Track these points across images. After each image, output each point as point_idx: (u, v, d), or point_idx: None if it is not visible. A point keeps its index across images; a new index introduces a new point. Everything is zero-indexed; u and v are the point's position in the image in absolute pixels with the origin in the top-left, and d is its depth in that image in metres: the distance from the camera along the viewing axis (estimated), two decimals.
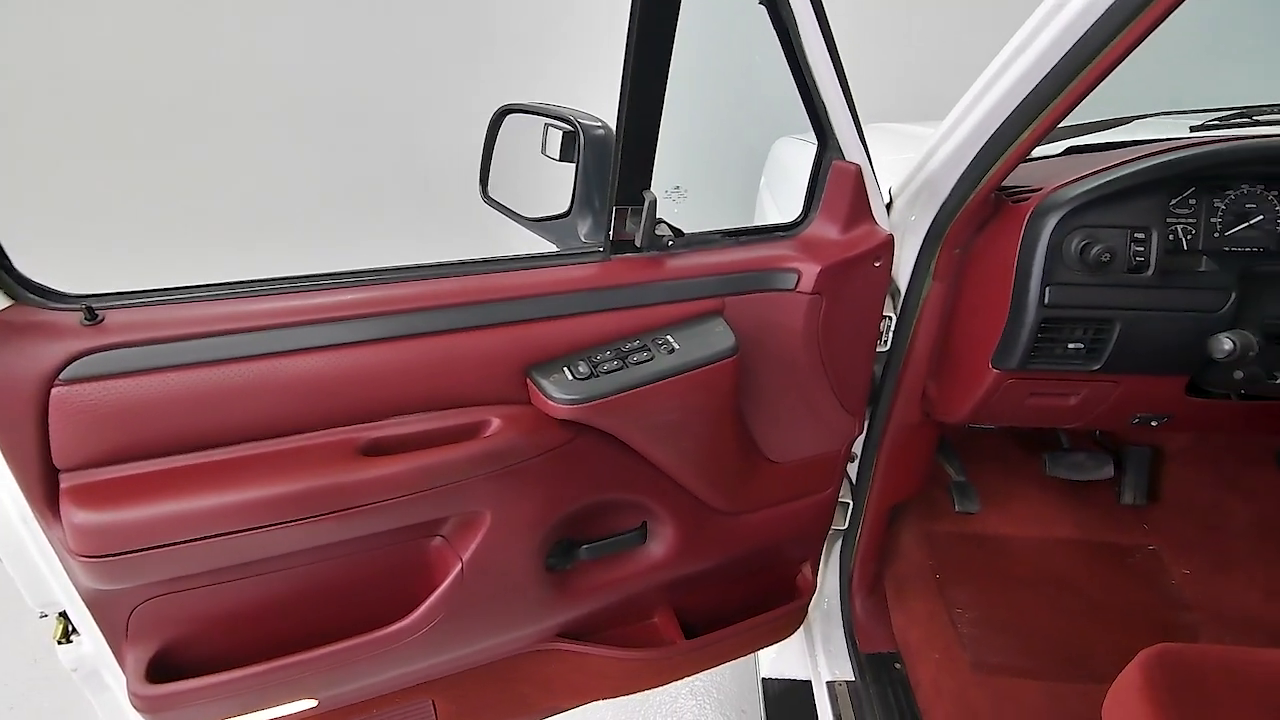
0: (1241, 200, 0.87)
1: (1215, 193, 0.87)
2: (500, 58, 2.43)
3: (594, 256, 0.79)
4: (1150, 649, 0.74)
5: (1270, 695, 0.70)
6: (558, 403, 0.71)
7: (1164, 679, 0.71)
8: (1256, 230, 0.88)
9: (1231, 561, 1.35)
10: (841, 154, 0.83)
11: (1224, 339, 0.77)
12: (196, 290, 0.67)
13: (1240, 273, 0.85)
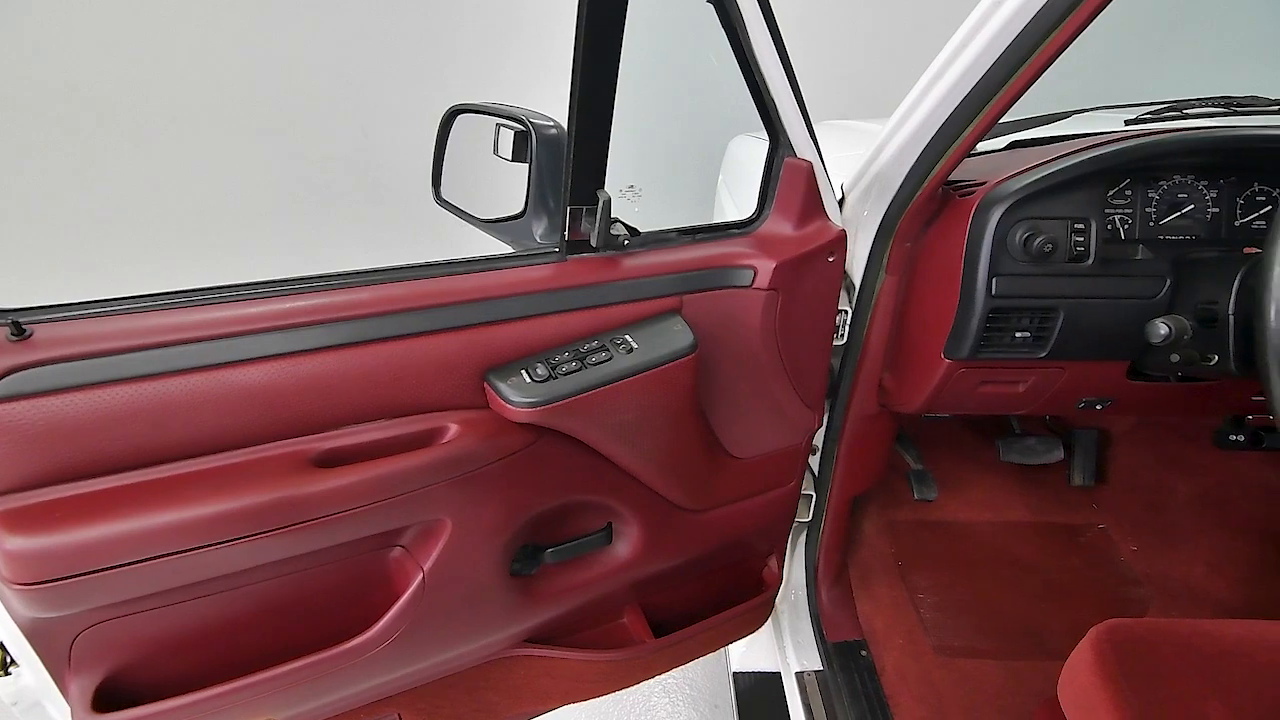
0: (1173, 190, 0.91)
1: (1149, 184, 0.91)
2: (454, 57, 2.40)
3: (550, 257, 0.78)
4: (1100, 625, 0.77)
5: (1215, 664, 0.73)
6: (516, 406, 0.70)
7: (1114, 653, 0.74)
8: (1188, 219, 0.91)
9: (1176, 537, 1.41)
10: (793, 151, 0.84)
11: (1160, 324, 0.80)
12: (135, 301, 0.65)
13: (1174, 260, 0.89)
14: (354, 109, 2.39)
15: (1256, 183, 0.92)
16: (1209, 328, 0.83)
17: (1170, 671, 0.72)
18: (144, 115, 2.22)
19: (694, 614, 1.09)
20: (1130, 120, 1.09)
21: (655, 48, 2.05)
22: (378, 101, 2.38)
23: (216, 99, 2.28)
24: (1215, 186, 0.91)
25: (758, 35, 0.72)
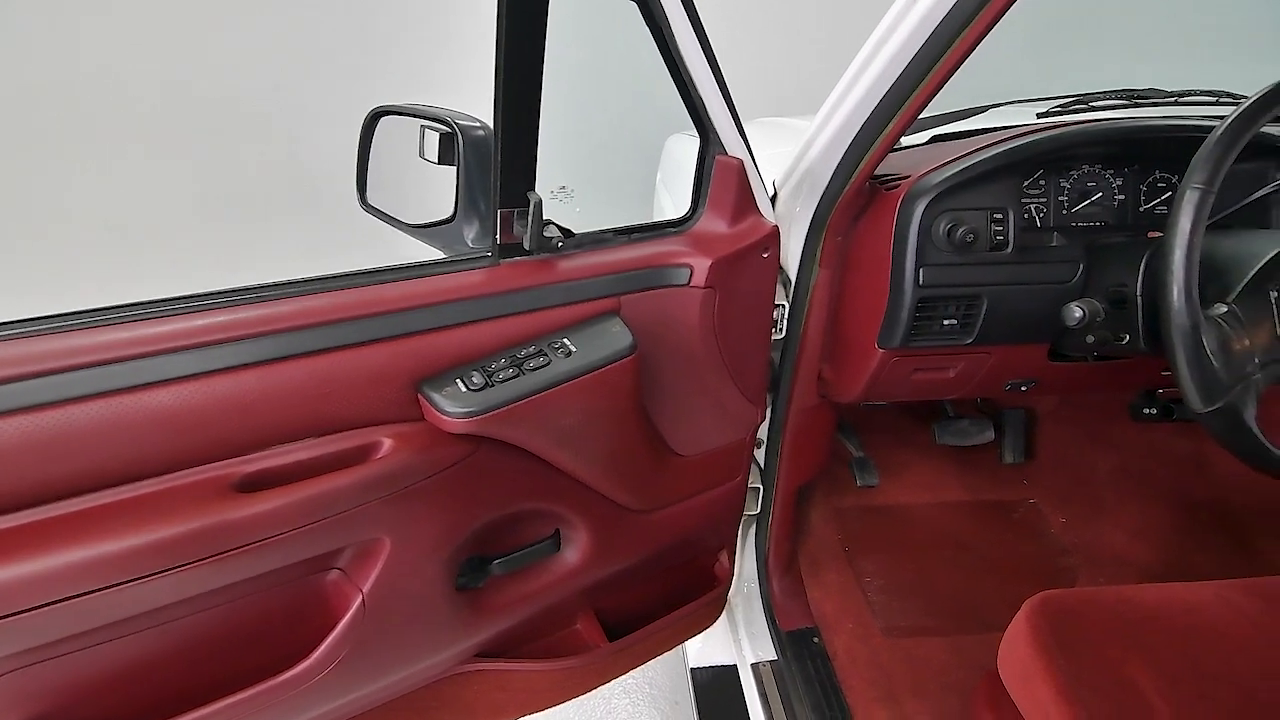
0: (1083, 179, 0.96)
1: (1061, 173, 0.95)
2: (383, 57, 2.33)
3: (482, 262, 0.76)
4: (1033, 598, 0.80)
5: (1138, 628, 0.77)
6: (452, 417, 0.68)
7: (1046, 625, 0.77)
8: (1097, 206, 0.96)
9: (1100, 508, 1.49)
10: (723, 149, 0.84)
11: (1074, 307, 0.84)
12: (32, 323, 0.60)
13: (1086, 245, 0.94)
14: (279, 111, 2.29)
15: (1158, 170, 0.97)
16: (1120, 309, 0.88)
17: (1098, 638, 0.75)
18: (52, 126, 2.08)
19: (648, 615, 1.09)
20: (1042, 113, 1.15)
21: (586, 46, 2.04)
22: (304, 104, 2.29)
23: (131, 106, 2.15)
24: (1120, 175, 0.97)
25: (682, 33, 0.72)
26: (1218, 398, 0.72)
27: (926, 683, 1.16)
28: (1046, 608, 0.79)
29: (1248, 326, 0.73)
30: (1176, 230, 0.73)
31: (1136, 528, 1.45)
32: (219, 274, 1.15)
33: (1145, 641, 0.75)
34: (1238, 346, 0.72)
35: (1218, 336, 0.72)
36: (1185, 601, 0.80)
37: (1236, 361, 0.72)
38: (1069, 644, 0.74)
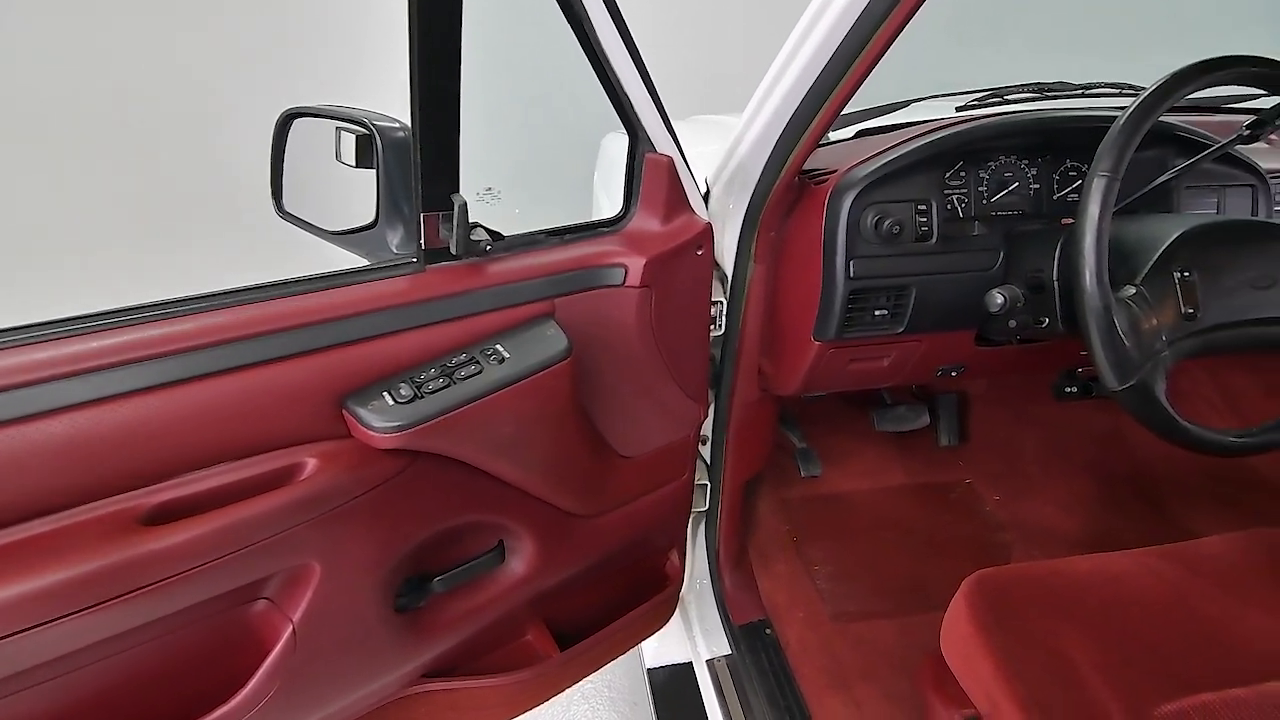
0: (1000, 170, 0.99)
1: (980, 165, 0.98)
2: (300, 56, 2.23)
3: (407, 268, 0.73)
4: (969, 578, 0.83)
5: (1069, 599, 0.80)
6: (380, 432, 0.65)
7: (984, 602, 0.80)
8: (1015, 195, 1.00)
9: (1030, 484, 1.56)
10: (653, 146, 0.84)
11: (996, 294, 0.87)
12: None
13: (1005, 234, 0.97)
14: (194, 114, 2.17)
15: (1068, 159, 1.02)
16: (1038, 294, 0.91)
17: (1032, 613, 0.78)
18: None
19: (600, 620, 1.08)
20: (960, 107, 1.18)
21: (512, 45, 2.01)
22: (221, 107, 2.17)
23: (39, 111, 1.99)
24: (1035, 165, 1.01)
25: (604, 30, 0.71)
26: (1130, 376, 0.75)
27: (876, 665, 1.19)
28: (982, 586, 0.81)
29: (1155, 307, 0.77)
30: (1086, 217, 0.76)
31: (1063, 501, 1.52)
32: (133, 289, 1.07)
33: (1075, 613, 0.78)
34: (1147, 326, 0.76)
35: (1128, 317, 0.76)
36: (1110, 571, 0.84)
37: (1146, 340, 0.76)
38: (1005, 621, 0.77)
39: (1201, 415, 1.65)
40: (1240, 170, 1.03)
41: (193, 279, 0.84)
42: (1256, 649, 0.73)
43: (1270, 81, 0.82)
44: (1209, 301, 0.77)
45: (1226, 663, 0.71)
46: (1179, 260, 0.78)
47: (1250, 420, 1.51)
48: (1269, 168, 1.06)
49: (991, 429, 1.64)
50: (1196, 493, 1.52)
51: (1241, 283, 0.78)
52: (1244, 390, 1.65)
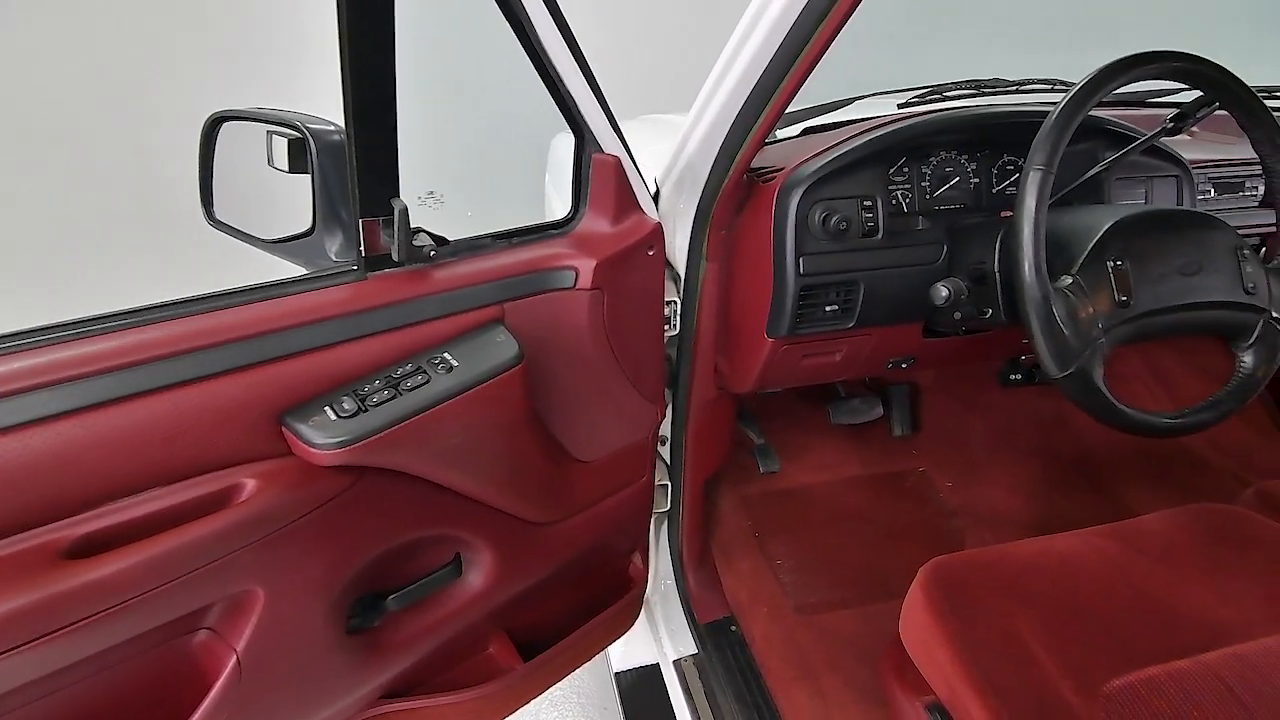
0: (942, 165, 1.01)
1: (922, 160, 1.00)
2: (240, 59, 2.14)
3: (347, 276, 0.70)
4: (925, 566, 0.84)
5: (1018, 581, 0.82)
6: (322, 449, 0.62)
7: (938, 589, 0.81)
8: (956, 190, 1.02)
9: (979, 470, 1.60)
10: (599, 147, 0.83)
11: (940, 287, 0.89)
12: None
13: (948, 227, 0.99)
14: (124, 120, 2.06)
15: (1006, 154, 1.04)
16: (981, 285, 0.94)
17: (986, 597, 0.80)
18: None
19: (564, 627, 1.06)
20: (902, 104, 1.21)
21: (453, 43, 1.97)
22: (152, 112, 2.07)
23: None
24: (974, 159, 1.03)
25: (544, 28, 0.70)
26: (1070, 363, 0.78)
27: (840, 656, 1.20)
28: (937, 575, 0.83)
29: (1091, 295, 0.79)
30: (1023, 210, 0.78)
31: (1012, 485, 1.57)
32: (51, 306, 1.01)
33: (1026, 595, 0.80)
34: (1084, 315, 0.78)
35: (1066, 306, 0.78)
36: (1057, 552, 0.86)
37: (1084, 329, 0.78)
38: (960, 608, 0.78)
39: (1137, 398, 1.72)
40: (1166, 162, 1.08)
41: (116, 294, 0.79)
42: (1196, 621, 0.76)
43: (1190, 76, 0.86)
44: (1141, 289, 0.80)
45: (1169, 636, 0.74)
46: (1112, 250, 0.81)
47: (1183, 400, 1.59)
48: (1192, 159, 1.11)
49: (942, 418, 1.68)
50: (1136, 472, 1.59)
51: (1170, 270, 0.82)
52: (1176, 372, 1.73)
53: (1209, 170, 1.16)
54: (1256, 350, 0.85)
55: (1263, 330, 0.85)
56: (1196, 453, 1.63)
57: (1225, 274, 0.83)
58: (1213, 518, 0.90)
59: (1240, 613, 0.77)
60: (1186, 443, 1.62)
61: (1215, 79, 0.85)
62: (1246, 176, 1.18)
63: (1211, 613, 0.77)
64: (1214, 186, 1.16)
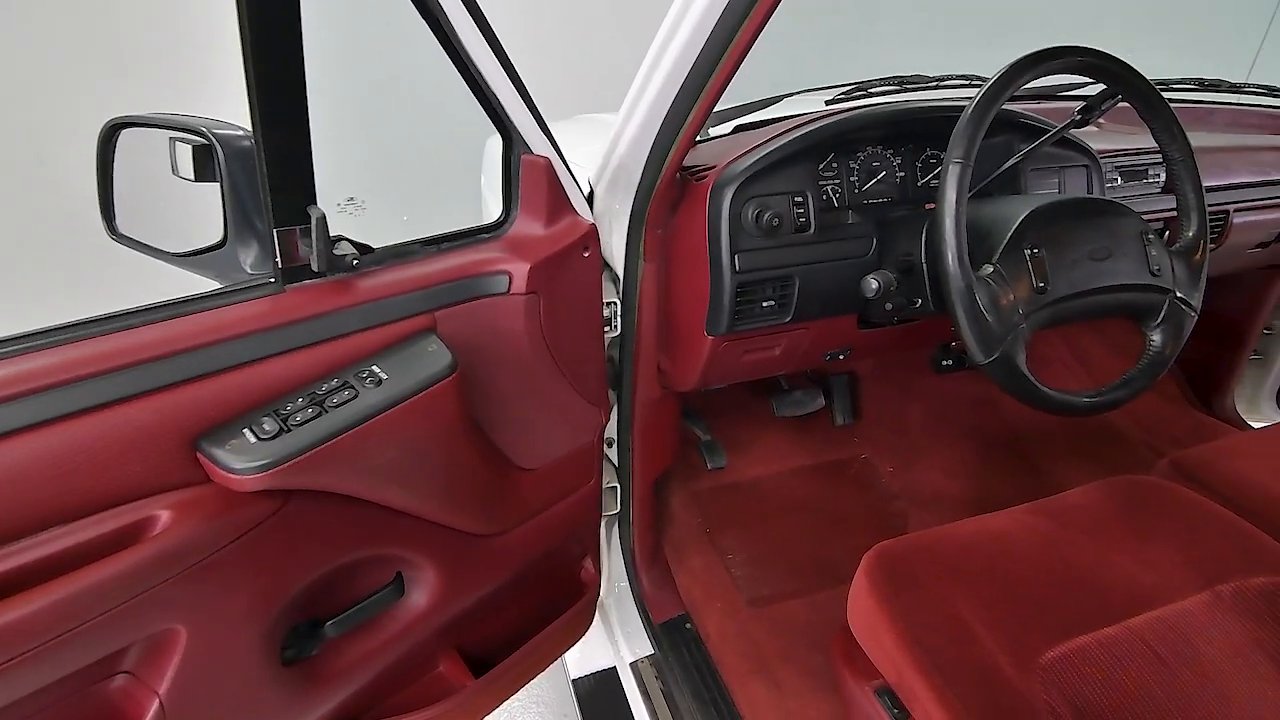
0: (869, 160, 1.04)
1: (849, 155, 1.02)
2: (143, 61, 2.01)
3: (264, 289, 0.67)
4: (869, 552, 0.86)
5: (957, 562, 0.85)
6: (242, 474, 0.59)
7: (882, 575, 0.83)
8: (883, 184, 1.05)
9: (917, 453, 1.65)
10: (528, 148, 0.81)
11: (871, 280, 0.91)
12: None
13: (877, 221, 1.01)
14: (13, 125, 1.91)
15: (928, 148, 1.08)
16: (910, 276, 0.96)
17: (927, 579, 0.82)
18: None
19: (516, 638, 1.04)
20: (829, 101, 1.23)
21: (376, 43, 1.91)
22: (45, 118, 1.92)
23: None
24: (899, 154, 1.06)
25: (463, 27, 0.68)
26: (995, 349, 0.81)
27: (793, 646, 1.22)
28: (880, 560, 0.84)
29: (1011, 283, 0.82)
30: (944, 202, 0.80)
31: (949, 466, 1.62)
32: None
33: (964, 574, 0.82)
34: (1005, 302, 0.81)
35: (988, 294, 0.81)
36: (991, 531, 0.90)
37: (1006, 315, 0.81)
38: (902, 591, 0.80)
39: (1059, 378, 1.81)
40: (1076, 152, 1.13)
41: (9, 318, 0.73)
42: (1120, 589, 0.80)
43: (1094, 70, 0.90)
44: (1056, 275, 0.84)
45: (1097, 605, 0.78)
46: (1029, 238, 0.84)
47: (1101, 378, 1.67)
48: (1099, 149, 1.17)
49: (881, 405, 1.72)
50: (1061, 448, 1.67)
51: (1082, 256, 0.86)
52: (1094, 351, 1.83)
53: (1115, 159, 1.22)
54: (1164, 329, 0.90)
55: (1169, 310, 0.90)
56: (1115, 427, 1.73)
57: (1133, 258, 0.87)
58: (1132, 489, 0.94)
59: (1160, 578, 0.81)
60: (1106, 418, 1.71)
61: (1117, 73, 0.90)
62: (1149, 165, 1.25)
63: (1134, 580, 0.81)
64: (1120, 175, 1.23)
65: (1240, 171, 1.33)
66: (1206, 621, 0.76)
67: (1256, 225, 1.37)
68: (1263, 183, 1.35)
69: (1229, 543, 0.85)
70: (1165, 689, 0.70)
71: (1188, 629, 0.75)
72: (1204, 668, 0.72)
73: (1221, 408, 1.83)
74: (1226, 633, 0.75)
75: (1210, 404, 1.84)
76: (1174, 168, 0.94)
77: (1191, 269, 0.92)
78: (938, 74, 1.32)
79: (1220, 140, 1.40)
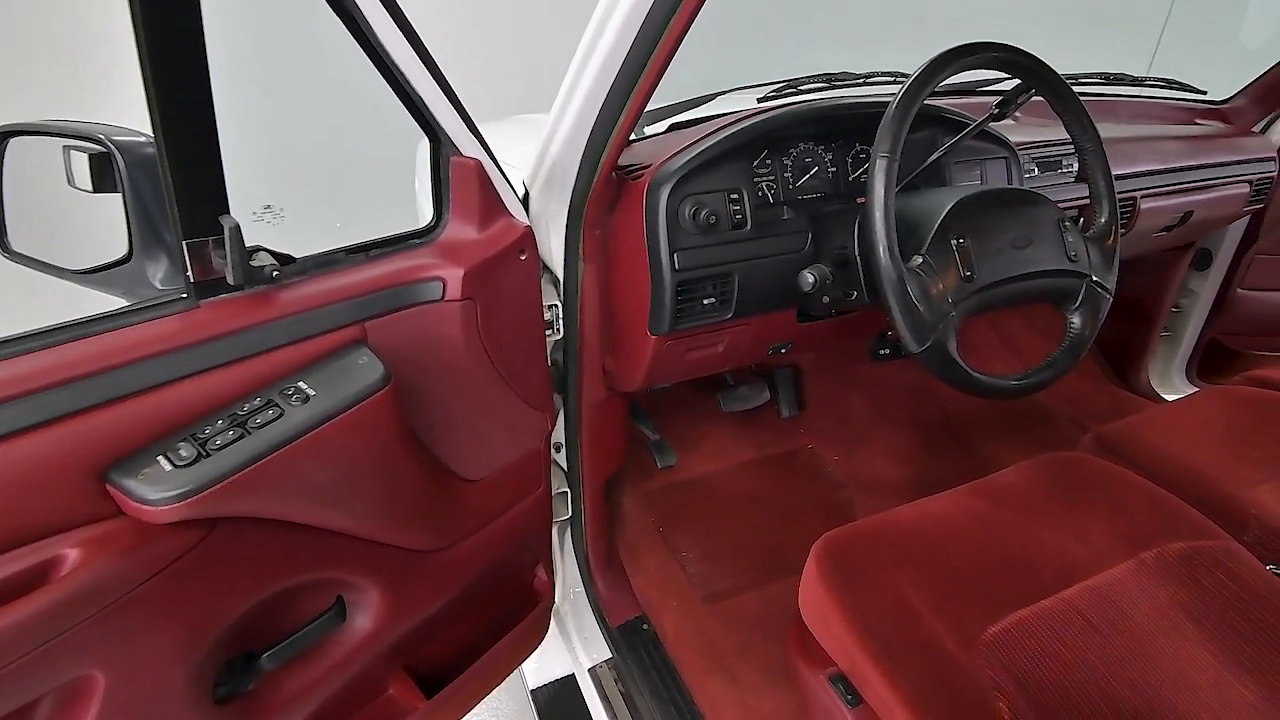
0: (801, 156, 1.05)
1: (782, 152, 1.03)
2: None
3: (176, 306, 0.63)
4: (817, 542, 0.87)
5: (900, 546, 0.87)
6: (158, 504, 0.55)
7: (830, 563, 0.84)
8: (816, 179, 1.06)
9: (860, 440, 1.69)
10: (457, 150, 0.79)
11: (806, 274, 0.92)
12: None
13: (811, 216, 1.03)
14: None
15: (858, 143, 1.10)
16: (845, 270, 0.98)
17: (872, 565, 0.84)
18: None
19: (470, 653, 1.02)
20: (761, 98, 1.24)
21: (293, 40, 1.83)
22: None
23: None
24: (830, 149, 1.08)
25: (382, 26, 0.65)
26: (927, 337, 0.83)
27: (749, 639, 1.23)
28: (828, 549, 0.86)
29: (940, 272, 0.85)
30: (873, 196, 0.82)
31: (891, 452, 1.67)
32: None
33: (907, 558, 0.85)
34: (935, 291, 0.84)
35: (919, 285, 0.83)
36: (931, 513, 0.92)
37: (936, 305, 0.83)
38: (851, 579, 0.81)
39: (989, 363, 1.89)
40: (995, 145, 1.18)
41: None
42: (1052, 562, 0.83)
43: (1008, 65, 0.94)
44: (981, 263, 0.87)
45: (1032, 580, 0.81)
46: (955, 229, 0.87)
47: (1029, 361, 1.75)
48: (1017, 141, 1.22)
49: (824, 395, 1.76)
50: (994, 429, 1.74)
51: (1005, 244, 0.89)
52: (1021, 335, 1.92)
53: (1032, 151, 1.28)
54: (1082, 312, 0.95)
55: (1086, 293, 0.94)
56: (1042, 406, 1.81)
57: (1051, 245, 0.91)
58: (1059, 466, 0.99)
59: (1089, 549, 0.85)
60: (1034, 398, 1.79)
61: (1029, 68, 0.94)
62: (1063, 155, 1.31)
63: (1066, 552, 0.85)
64: (1037, 165, 1.28)
65: (1145, 160, 1.42)
66: (1133, 588, 0.80)
67: (1162, 210, 1.46)
68: (1166, 170, 1.44)
69: (1149, 512, 0.90)
70: (1098, 655, 0.74)
71: (1117, 596, 0.79)
72: (1133, 631, 0.76)
73: (1137, 383, 1.95)
74: (1151, 597, 0.79)
75: (1127, 380, 1.96)
76: (1085, 158, 0.98)
77: (1105, 253, 0.96)
78: (864, 71, 1.35)
79: (1126, 131, 1.48)
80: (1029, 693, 0.70)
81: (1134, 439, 1.17)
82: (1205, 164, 1.50)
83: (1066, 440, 1.70)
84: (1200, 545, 0.84)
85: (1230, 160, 1.54)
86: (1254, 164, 1.58)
